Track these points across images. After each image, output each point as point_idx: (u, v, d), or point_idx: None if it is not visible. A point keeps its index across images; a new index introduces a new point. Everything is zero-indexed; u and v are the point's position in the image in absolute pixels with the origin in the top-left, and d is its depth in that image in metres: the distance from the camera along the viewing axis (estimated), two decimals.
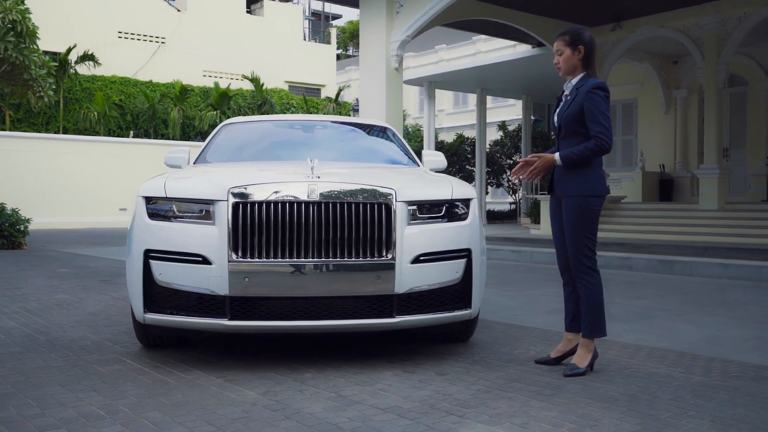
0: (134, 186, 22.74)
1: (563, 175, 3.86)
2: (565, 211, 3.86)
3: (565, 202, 3.85)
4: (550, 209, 4.04)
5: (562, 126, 3.87)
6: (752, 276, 8.33)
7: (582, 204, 3.78)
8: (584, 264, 3.82)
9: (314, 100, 31.03)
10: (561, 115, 3.88)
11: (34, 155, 21.55)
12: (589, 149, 3.73)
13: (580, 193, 3.79)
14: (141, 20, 28.96)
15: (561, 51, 3.90)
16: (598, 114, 3.73)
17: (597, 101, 3.74)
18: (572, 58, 3.86)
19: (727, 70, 14.41)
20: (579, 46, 3.85)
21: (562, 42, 3.90)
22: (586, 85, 3.80)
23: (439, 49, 34.77)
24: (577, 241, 3.81)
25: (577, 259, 3.83)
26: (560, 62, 3.91)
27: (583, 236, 3.81)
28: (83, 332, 4.98)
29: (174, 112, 26.46)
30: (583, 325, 3.85)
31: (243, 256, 3.72)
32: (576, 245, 3.82)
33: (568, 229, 3.84)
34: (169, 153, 5.55)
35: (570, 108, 3.82)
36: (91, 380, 3.66)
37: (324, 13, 46.82)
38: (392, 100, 13.03)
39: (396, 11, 13.03)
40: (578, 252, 3.82)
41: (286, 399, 3.30)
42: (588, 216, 3.80)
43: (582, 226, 3.80)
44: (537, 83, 21.04)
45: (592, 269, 3.83)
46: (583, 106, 3.76)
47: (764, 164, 16.14)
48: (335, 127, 5.98)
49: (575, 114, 3.79)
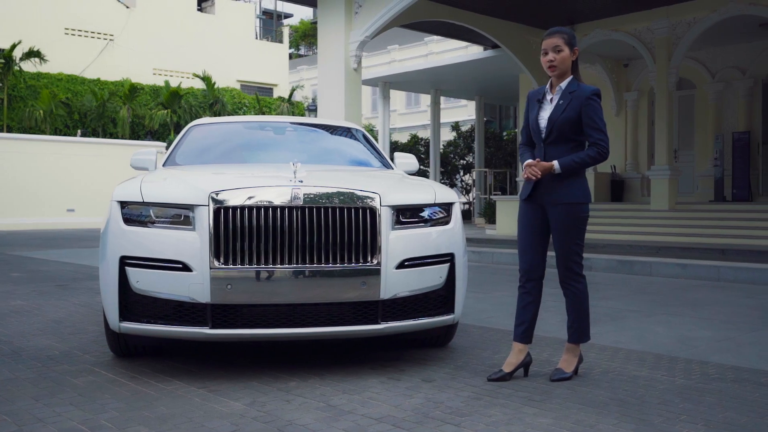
0: (82, 186, 22.20)
1: (551, 183, 3.74)
2: (554, 218, 3.76)
3: (555, 210, 3.75)
4: (525, 215, 3.88)
5: (554, 130, 3.73)
6: (710, 276, 8.53)
7: (573, 211, 3.73)
8: (574, 270, 3.79)
9: (267, 100, 30.73)
10: (554, 120, 3.73)
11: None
12: (591, 157, 3.68)
13: (570, 201, 3.72)
14: (88, 16, 28.24)
15: (560, 49, 3.70)
16: (598, 121, 3.69)
17: (596, 108, 3.69)
18: (568, 58, 3.72)
19: (677, 73, 14.76)
20: (575, 48, 3.74)
21: (562, 39, 3.71)
22: (581, 90, 3.71)
23: (392, 49, 34.82)
24: (567, 248, 3.76)
25: (566, 265, 3.79)
26: (557, 61, 3.70)
27: (574, 243, 3.76)
28: (48, 341, 4.79)
29: (123, 110, 25.90)
30: (571, 331, 3.82)
31: (225, 263, 3.62)
32: (566, 252, 3.77)
33: (558, 237, 3.77)
34: (135, 154, 5.40)
35: (566, 113, 3.70)
36: (65, 393, 3.51)
37: (276, 12, 46.40)
38: (351, 100, 12.97)
39: (355, 11, 12.96)
40: (568, 259, 3.77)
41: (274, 410, 3.22)
42: (579, 223, 3.76)
43: (573, 233, 3.75)
44: (490, 85, 21.24)
45: (580, 275, 3.82)
46: (580, 112, 3.68)
47: (711, 165, 16.56)
48: (307, 129, 5.89)
49: (572, 119, 3.69)
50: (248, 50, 32.93)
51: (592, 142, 3.71)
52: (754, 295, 7.22)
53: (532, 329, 3.86)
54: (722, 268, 8.51)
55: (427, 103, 30.55)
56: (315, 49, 51.32)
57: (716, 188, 16.17)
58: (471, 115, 29.46)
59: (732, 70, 16.50)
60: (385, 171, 5.01)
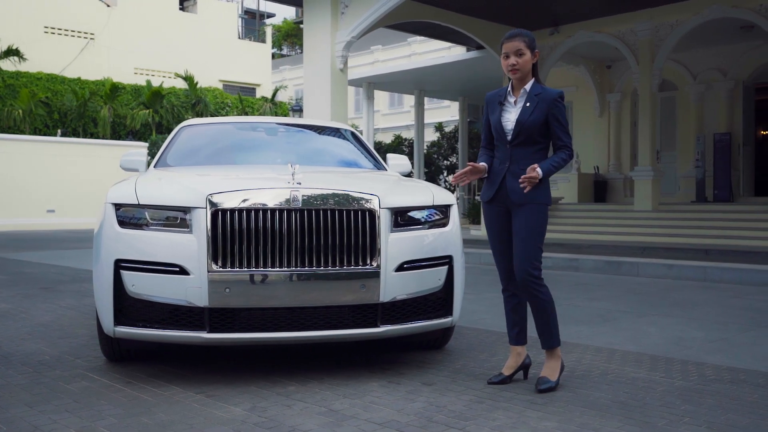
0: (63, 187, 21.93)
1: (517, 184, 3.66)
2: (519, 218, 3.68)
3: (522, 211, 3.67)
4: (491, 220, 3.82)
5: (522, 133, 3.67)
6: (697, 276, 8.59)
7: (540, 212, 3.68)
8: (533, 275, 3.64)
9: (249, 100, 30.58)
10: (522, 122, 3.67)
11: None
12: (564, 160, 3.69)
13: (538, 201, 3.67)
14: (69, 15, 27.93)
15: (522, 52, 3.66)
16: (565, 124, 3.71)
17: (563, 111, 3.70)
18: (530, 61, 3.70)
19: (660, 75, 14.87)
20: (536, 51, 3.73)
21: (523, 43, 3.67)
22: (546, 93, 3.69)
23: (375, 49, 34.78)
24: (529, 249, 3.65)
25: (525, 269, 3.64)
26: (519, 64, 3.66)
27: (537, 246, 3.67)
28: (38, 345, 4.71)
29: (104, 110, 25.65)
30: (542, 338, 3.71)
31: (223, 266, 3.57)
32: (527, 254, 3.64)
33: (522, 237, 3.67)
34: (125, 155, 5.35)
35: (533, 115, 3.66)
36: (60, 399, 3.45)
37: (258, 11, 46.17)
38: (337, 100, 12.92)
39: (341, 12, 12.92)
40: (528, 262, 3.64)
41: (276, 415, 3.18)
42: (543, 224, 3.71)
43: (537, 234, 3.67)
44: (474, 85, 21.28)
45: (540, 279, 3.68)
46: (547, 114, 3.66)
47: (693, 166, 16.70)
48: (298, 130, 5.85)
49: (540, 122, 3.66)
50: (231, 50, 32.74)
51: (562, 145, 3.71)
52: (741, 295, 7.28)
53: (525, 330, 3.85)
54: (708, 268, 8.58)
55: (410, 103, 30.53)
56: (298, 49, 51.20)
57: (698, 189, 16.31)
58: (454, 115, 29.50)
59: (713, 72, 16.66)
60: (380, 173, 4.99)
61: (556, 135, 3.70)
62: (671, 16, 14.34)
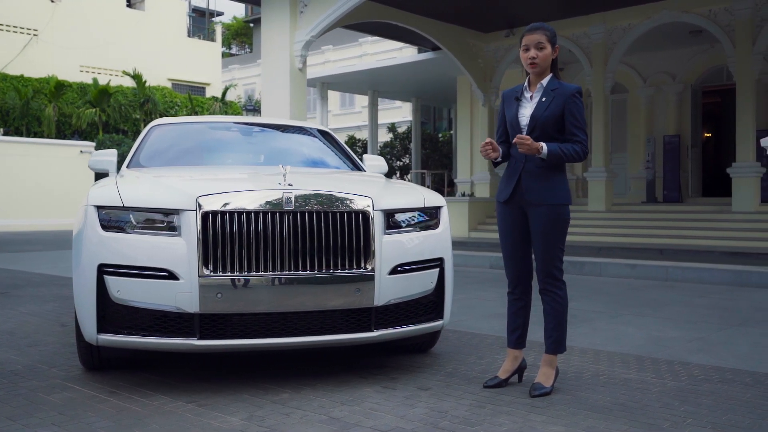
0: (7, 188, 21.14)
1: (533, 182, 3.63)
2: (535, 221, 3.65)
3: (537, 212, 3.64)
4: (505, 220, 3.77)
5: (537, 128, 3.62)
6: (659, 276, 8.75)
7: (557, 213, 3.63)
8: (555, 276, 3.67)
9: (199, 99, 30.04)
10: (537, 117, 3.62)
11: None
12: (576, 152, 3.59)
13: (553, 202, 3.62)
14: (10, 10, 26.97)
15: (543, 46, 3.58)
16: (581, 120, 3.63)
17: (581, 107, 3.63)
18: (550, 56, 3.64)
19: (613, 78, 15.16)
20: (556, 46, 3.66)
21: (545, 36, 3.59)
22: (563, 88, 3.64)
23: (326, 50, 34.62)
24: (548, 252, 3.64)
25: (547, 270, 3.66)
26: (539, 58, 3.59)
27: (557, 247, 3.66)
28: (6, 354, 4.49)
29: (49, 109, 24.86)
30: (548, 341, 3.68)
31: (214, 270, 3.45)
32: (547, 257, 3.64)
33: (540, 240, 3.65)
34: (94, 155, 5.17)
35: (549, 110, 3.60)
36: (44, 411, 3.28)
37: (207, 10, 45.46)
38: (296, 100, 12.79)
39: (300, 11, 12.79)
40: (549, 264, 3.65)
41: (276, 425, 3.08)
42: (562, 225, 3.66)
43: (556, 236, 3.65)
44: (427, 87, 21.37)
45: (561, 281, 3.70)
46: (563, 109, 3.60)
47: (644, 168, 17.06)
48: (274, 130, 5.72)
49: (556, 117, 3.60)
50: (179, 48, 32.11)
51: (576, 141, 3.62)
52: (705, 294, 7.43)
53: (525, 335, 3.82)
54: (670, 268, 8.74)
55: (361, 104, 30.46)
56: (247, 48, 50.55)
57: (648, 190, 16.67)
58: (406, 116, 29.57)
59: (662, 75, 17.04)
60: (364, 174, 4.92)
61: (569, 131, 3.62)
62: (624, 20, 14.63)
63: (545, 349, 3.71)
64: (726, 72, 15.68)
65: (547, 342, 3.70)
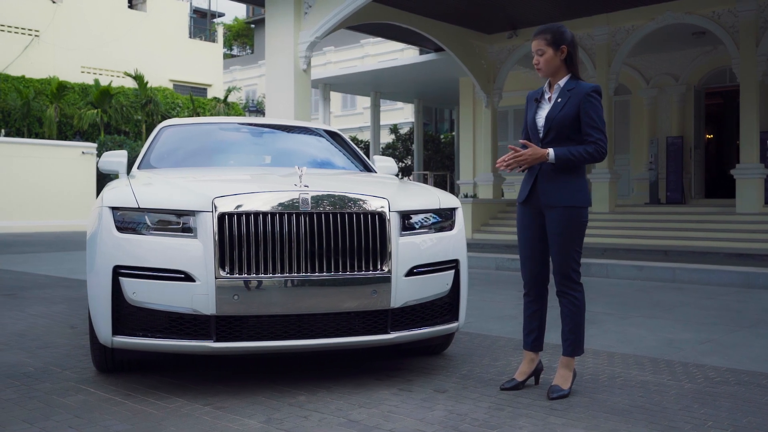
0: (8, 189, 21.10)
1: (549, 184, 3.61)
2: (552, 223, 3.63)
3: (553, 214, 3.62)
4: (523, 219, 3.77)
5: (552, 129, 3.61)
6: (666, 277, 8.73)
7: (573, 215, 3.60)
8: (572, 278, 3.64)
9: (201, 100, 30.03)
10: (552, 118, 3.61)
11: None
12: (589, 153, 3.55)
13: (570, 204, 3.59)
14: (12, 11, 26.94)
15: (542, 51, 3.62)
16: (599, 120, 3.58)
17: (597, 106, 3.58)
18: (554, 58, 3.62)
19: (617, 79, 15.16)
20: (562, 46, 3.61)
21: (543, 41, 3.62)
22: (579, 87, 3.61)
23: (328, 51, 34.62)
24: (566, 254, 3.62)
25: (564, 273, 3.64)
26: (541, 63, 3.63)
27: (573, 249, 3.63)
28: (18, 357, 4.47)
29: (50, 110, 24.84)
30: (566, 344, 3.66)
31: (231, 272, 3.44)
32: (565, 259, 3.62)
33: (556, 242, 3.63)
34: (104, 156, 5.15)
35: (564, 111, 3.58)
36: (59, 414, 3.26)
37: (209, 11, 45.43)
38: (301, 101, 12.78)
39: (304, 12, 12.77)
40: (567, 266, 3.63)
41: (294, 428, 3.06)
42: (579, 228, 3.64)
43: (572, 238, 3.62)
44: (430, 88, 21.35)
45: (578, 284, 3.68)
46: (579, 109, 3.57)
47: (647, 169, 17.06)
48: (285, 131, 5.71)
49: (571, 117, 3.58)
50: (181, 49, 32.09)
51: (591, 141, 3.57)
52: (713, 296, 7.41)
53: (542, 337, 3.80)
54: (677, 269, 8.73)
55: (363, 105, 30.47)
56: (249, 49, 50.53)
57: (651, 191, 16.67)
58: (408, 117, 29.56)
59: (666, 77, 17.05)
60: (377, 175, 4.91)
61: (584, 130, 3.58)
62: (627, 21, 14.63)
63: (562, 351, 3.69)
64: (729, 73, 15.68)
65: (564, 344, 3.68)
